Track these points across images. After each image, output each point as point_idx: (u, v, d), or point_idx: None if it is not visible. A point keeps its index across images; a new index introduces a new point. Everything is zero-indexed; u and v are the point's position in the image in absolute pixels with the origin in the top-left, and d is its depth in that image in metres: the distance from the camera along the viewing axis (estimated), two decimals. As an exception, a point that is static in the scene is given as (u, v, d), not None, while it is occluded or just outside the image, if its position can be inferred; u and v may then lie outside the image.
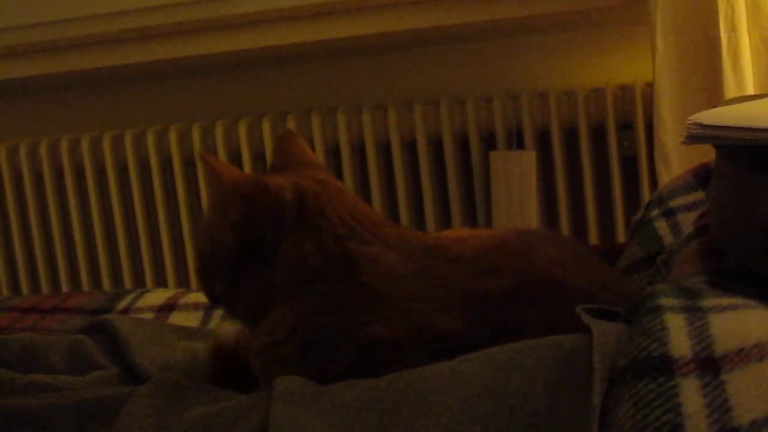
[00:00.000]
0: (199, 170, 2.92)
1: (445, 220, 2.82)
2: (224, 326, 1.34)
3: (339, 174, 2.82)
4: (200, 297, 1.75)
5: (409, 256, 1.11)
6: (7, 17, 3.14)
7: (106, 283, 3.08)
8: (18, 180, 3.09)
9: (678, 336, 0.84)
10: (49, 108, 3.22)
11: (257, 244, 1.13)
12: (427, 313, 1.04)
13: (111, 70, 2.93)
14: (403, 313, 1.05)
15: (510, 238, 1.17)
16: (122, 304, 1.76)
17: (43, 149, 3.03)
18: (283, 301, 1.12)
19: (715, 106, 1.25)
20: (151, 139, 2.94)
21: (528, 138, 2.69)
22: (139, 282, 3.07)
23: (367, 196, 2.81)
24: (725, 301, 0.90)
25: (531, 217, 2.68)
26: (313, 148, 2.80)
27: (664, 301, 0.91)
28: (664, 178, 2.31)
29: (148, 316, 1.70)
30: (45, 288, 3.14)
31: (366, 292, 1.07)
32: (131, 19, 2.95)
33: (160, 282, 3.03)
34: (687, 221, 1.33)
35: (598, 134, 2.68)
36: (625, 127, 2.66)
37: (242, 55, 2.86)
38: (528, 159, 2.68)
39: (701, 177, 1.42)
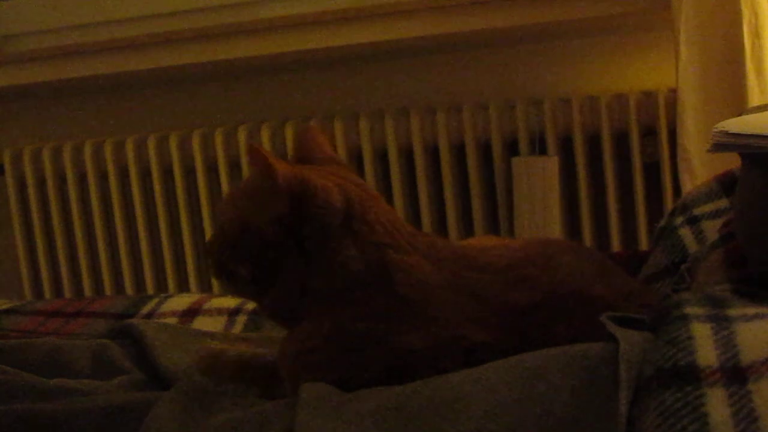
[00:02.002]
0: (222, 175, 2.93)
1: (467, 226, 2.82)
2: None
3: (361, 179, 2.81)
4: (224, 302, 1.76)
5: (441, 265, 1.11)
6: (31, 22, 3.16)
7: (129, 288, 3.08)
8: (41, 184, 3.11)
9: (704, 345, 0.84)
10: (72, 112, 3.23)
11: (300, 241, 1.12)
12: (459, 324, 1.04)
13: (134, 74, 2.94)
14: (436, 323, 1.05)
15: (533, 249, 1.17)
16: (146, 309, 1.77)
17: (66, 153, 3.04)
18: (318, 306, 1.11)
19: (740, 114, 1.25)
20: (173, 143, 2.95)
21: (551, 144, 2.69)
22: (161, 287, 3.08)
23: (389, 202, 2.77)
24: (751, 310, 0.90)
25: (553, 224, 2.67)
26: (335, 153, 2.80)
27: (690, 309, 0.91)
28: (688, 184, 2.30)
29: (172, 320, 1.70)
30: (68, 292, 3.15)
31: (401, 301, 1.07)
32: (154, 24, 2.97)
33: (182, 286, 3.04)
34: (712, 229, 1.33)
35: (621, 140, 2.68)
36: (648, 133, 2.65)
37: (265, 60, 2.87)
38: (550, 165, 2.67)
39: (725, 184, 1.41)
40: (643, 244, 2.64)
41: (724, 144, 1.04)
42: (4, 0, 3.17)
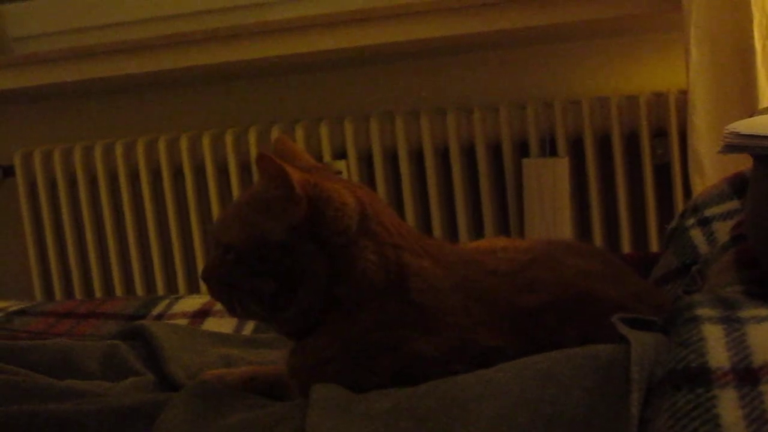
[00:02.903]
0: (232, 176, 2.93)
1: (477, 227, 2.82)
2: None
3: (372, 181, 2.82)
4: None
5: (450, 269, 1.11)
6: (40, 25, 3.18)
7: (139, 289, 3.09)
8: (52, 186, 3.11)
9: (716, 347, 0.84)
10: (82, 114, 3.24)
11: (323, 247, 1.10)
12: (469, 328, 1.04)
13: (145, 76, 2.94)
14: (446, 328, 1.05)
15: (541, 251, 1.17)
16: (157, 310, 1.77)
17: (76, 154, 3.04)
18: (334, 315, 1.10)
19: (751, 115, 1.25)
20: (184, 145, 2.95)
21: (561, 145, 2.68)
22: (171, 288, 3.08)
23: (399, 203, 2.81)
24: (763, 311, 0.89)
25: (564, 225, 2.67)
26: (345, 155, 2.81)
27: (702, 311, 0.90)
28: (698, 186, 2.30)
29: (183, 321, 1.70)
30: (78, 294, 3.16)
31: (414, 308, 1.06)
32: (164, 26, 2.98)
33: (193, 288, 3.04)
34: (723, 230, 1.33)
35: (632, 142, 2.67)
36: (659, 134, 2.65)
37: (274, 62, 2.87)
38: (561, 166, 2.67)
39: (737, 185, 1.41)
40: (654, 245, 2.63)
41: (735, 145, 1.04)
42: (14, 2, 3.18)
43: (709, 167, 2.32)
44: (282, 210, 1.10)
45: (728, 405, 0.77)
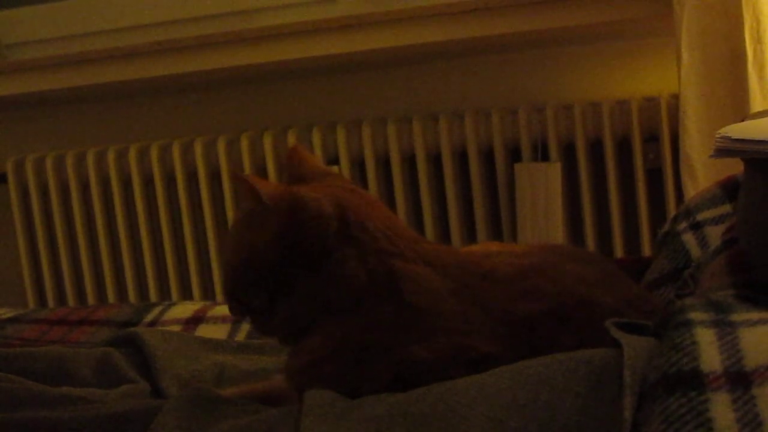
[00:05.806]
0: (225, 183, 2.93)
1: (470, 232, 2.82)
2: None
3: (364, 186, 2.82)
4: (227, 310, 1.76)
5: (446, 273, 1.11)
6: (33, 31, 3.17)
7: (132, 296, 3.08)
8: (44, 192, 3.11)
9: (708, 350, 0.84)
10: (74, 120, 3.24)
11: (303, 256, 1.11)
12: (466, 334, 1.04)
13: (136, 82, 2.94)
14: (443, 333, 1.04)
15: (537, 257, 1.17)
16: (150, 317, 1.77)
17: (69, 161, 3.04)
18: (327, 318, 1.11)
19: (742, 120, 1.25)
20: (176, 152, 2.95)
21: (553, 150, 2.69)
22: (164, 295, 3.07)
23: (392, 208, 2.78)
24: (755, 315, 0.90)
25: (556, 230, 2.67)
26: (337, 160, 2.81)
27: (694, 315, 0.91)
28: (690, 190, 2.30)
29: (176, 328, 1.70)
30: (71, 301, 3.15)
31: (409, 311, 1.06)
32: (156, 33, 2.98)
33: (186, 295, 3.04)
34: (715, 234, 1.33)
35: (624, 146, 2.68)
36: (651, 139, 2.65)
37: (268, 68, 2.87)
38: (553, 171, 2.67)
39: (728, 190, 1.41)
40: (646, 250, 2.64)
41: (726, 149, 1.04)
42: (6, 9, 3.18)
43: (701, 171, 2.32)
44: (259, 223, 1.13)
45: (721, 408, 0.77)
